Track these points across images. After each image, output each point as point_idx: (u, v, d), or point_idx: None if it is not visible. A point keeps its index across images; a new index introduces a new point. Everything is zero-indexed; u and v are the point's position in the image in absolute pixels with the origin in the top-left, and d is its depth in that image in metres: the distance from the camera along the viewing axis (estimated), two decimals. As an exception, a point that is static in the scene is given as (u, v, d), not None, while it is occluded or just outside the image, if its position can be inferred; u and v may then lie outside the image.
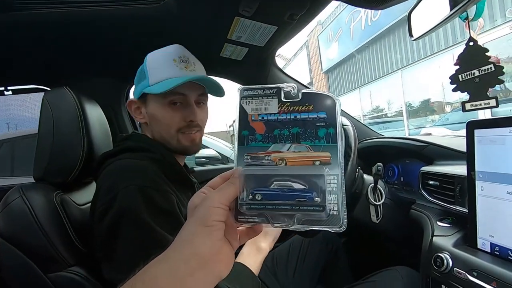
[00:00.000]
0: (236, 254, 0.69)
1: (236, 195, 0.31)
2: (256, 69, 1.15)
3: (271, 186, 0.31)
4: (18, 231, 0.57)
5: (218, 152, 2.65)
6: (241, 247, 0.72)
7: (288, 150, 0.32)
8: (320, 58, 9.36)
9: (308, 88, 1.05)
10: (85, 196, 0.76)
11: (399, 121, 6.83)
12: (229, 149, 2.93)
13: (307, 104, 0.32)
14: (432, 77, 5.67)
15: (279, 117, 0.33)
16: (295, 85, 0.33)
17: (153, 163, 0.63)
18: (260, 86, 0.34)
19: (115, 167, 0.61)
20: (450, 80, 0.55)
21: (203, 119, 0.75)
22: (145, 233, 0.51)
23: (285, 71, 1.26)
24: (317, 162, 0.31)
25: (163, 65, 0.69)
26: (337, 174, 0.30)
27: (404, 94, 6.56)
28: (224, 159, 2.61)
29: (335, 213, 0.30)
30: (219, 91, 0.75)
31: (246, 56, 1.03)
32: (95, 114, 0.78)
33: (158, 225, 0.53)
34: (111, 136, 0.87)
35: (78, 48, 0.91)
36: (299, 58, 10.91)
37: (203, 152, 2.52)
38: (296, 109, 0.33)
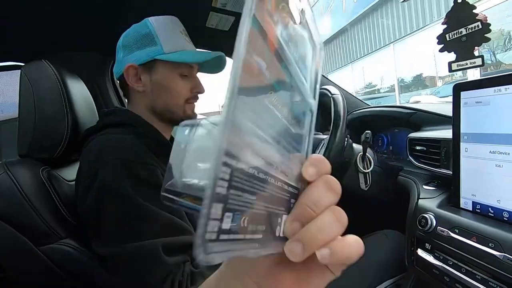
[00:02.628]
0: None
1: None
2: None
3: None
4: (5, 206, 0.56)
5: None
6: None
7: None
8: (312, 33, 9.14)
9: (399, 109, 0.91)
10: (74, 172, 0.75)
11: (391, 96, 6.84)
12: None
13: None
14: (424, 51, 5.63)
15: None
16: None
17: (137, 137, 0.62)
18: None
19: (96, 143, 0.60)
20: (437, 40, 0.54)
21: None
22: (130, 208, 0.51)
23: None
24: None
25: (175, 35, 0.68)
26: None
27: (396, 69, 6.53)
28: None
29: None
30: (213, 71, 0.79)
31: (233, 25, 1.00)
32: (78, 88, 0.76)
33: (143, 199, 0.52)
34: (97, 112, 0.85)
35: (56, 20, 0.87)
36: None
37: (195, 131, 2.51)
38: None
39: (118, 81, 0.76)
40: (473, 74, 3.79)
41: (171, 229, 0.54)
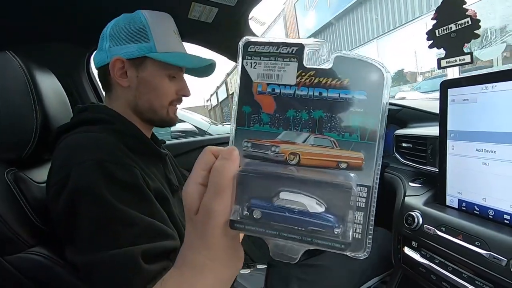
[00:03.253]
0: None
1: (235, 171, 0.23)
2: (228, 34, 1.08)
3: (276, 200, 0.22)
4: None
5: (195, 126, 2.58)
6: None
7: (304, 142, 0.23)
8: (298, 27, 9.13)
9: (397, 105, 0.88)
10: (45, 173, 0.70)
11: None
12: (206, 123, 2.87)
13: (340, 76, 0.22)
14: (405, 47, 5.74)
15: (297, 92, 0.23)
16: (326, 44, 0.23)
17: (114, 135, 0.58)
18: (273, 39, 0.23)
19: (69, 142, 0.56)
20: (427, 36, 0.53)
21: None
22: (106, 211, 0.47)
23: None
24: (343, 165, 0.22)
25: (168, 34, 0.66)
26: (368, 186, 0.22)
27: (379, 64, 6.64)
28: (201, 133, 2.56)
29: (357, 236, 0.22)
30: (200, 75, 0.77)
31: (216, 18, 0.95)
32: (48, 82, 0.70)
33: (120, 201, 0.49)
34: (72, 109, 0.79)
35: (22, 9, 0.80)
36: (276, 28, 10.58)
37: (179, 126, 2.45)
38: (323, 82, 0.23)
39: (97, 70, 0.70)
40: (452, 71, 3.90)
41: (151, 233, 0.51)
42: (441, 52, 0.54)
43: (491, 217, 0.52)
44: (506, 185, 0.50)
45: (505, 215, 0.50)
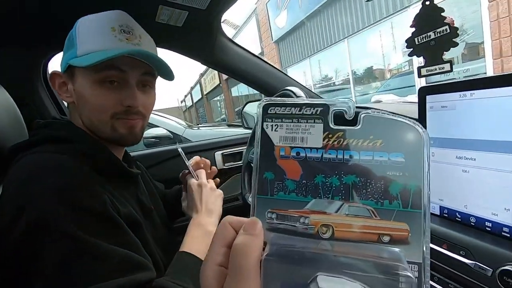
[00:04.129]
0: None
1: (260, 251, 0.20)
2: (200, 38, 1.03)
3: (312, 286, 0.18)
4: None
5: (169, 131, 2.48)
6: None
7: (337, 211, 0.21)
8: (270, 27, 9.17)
9: (371, 107, 0.84)
10: None
11: (346, 89, 7.15)
12: (181, 126, 2.77)
13: (372, 136, 0.20)
14: (374, 45, 5.94)
15: (324, 155, 0.21)
16: (352, 101, 0.21)
17: (80, 157, 0.52)
18: (295, 100, 0.22)
19: (26, 164, 0.49)
20: (406, 44, 0.51)
21: (147, 106, 0.63)
22: (72, 247, 0.42)
23: (235, 40, 1.15)
24: (386, 238, 0.20)
25: (97, 33, 0.56)
26: (419, 263, 0.19)
27: (350, 63, 6.82)
28: (176, 138, 2.46)
29: None
30: (167, 73, 0.64)
31: (187, 21, 0.90)
32: None
33: (89, 233, 0.43)
34: (26, 123, 0.71)
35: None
36: (249, 27, 10.56)
37: (151, 132, 2.33)
38: (354, 143, 0.21)
39: None
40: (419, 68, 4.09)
41: (126, 267, 0.45)
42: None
43: (473, 224, 0.52)
44: (486, 192, 0.50)
45: (486, 222, 0.50)
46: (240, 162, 1.36)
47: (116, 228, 0.48)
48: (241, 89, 12.35)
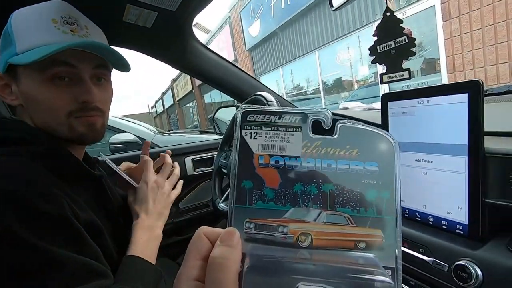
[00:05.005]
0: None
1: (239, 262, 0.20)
2: (170, 40, 1.01)
3: None
4: None
5: (138, 137, 2.38)
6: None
7: (316, 220, 0.21)
8: (244, 35, 9.28)
9: (345, 116, 0.85)
10: None
11: (317, 97, 7.40)
12: (151, 132, 2.68)
13: (348, 145, 0.21)
14: (342, 57, 6.24)
15: (303, 163, 0.21)
16: (329, 112, 0.22)
17: (33, 159, 0.48)
18: (275, 108, 0.22)
19: None
20: (369, 52, 0.54)
21: (105, 100, 0.59)
22: (26, 255, 0.39)
23: (208, 46, 1.14)
24: (362, 245, 0.20)
25: (37, 26, 0.51)
26: (392, 268, 0.20)
27: (320, 73, 7.08)
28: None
29: None
30: (121, 64, 0.60)
31: (156, 22, 0.88)
32: None
33: (44, 240, 0.40)
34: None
35: None
36: (222, 34, 10.60)
37: (118, 137, 2.23)
38: (331, 152, 0.21)
39: None
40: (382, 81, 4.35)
41: (83, 275, 0.43)
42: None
43: (431, 223, 0.55)
44: (442, 192, 0.53)
45: (442, 221, 0.54)
46: (211, 168, 1.34)
47: (73, 235, 0.45)
48: (214, 96, 12.29)
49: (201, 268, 0.20)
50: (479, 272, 0.43)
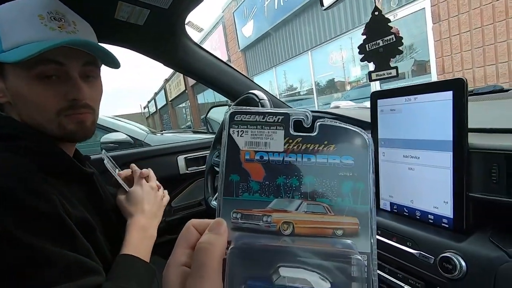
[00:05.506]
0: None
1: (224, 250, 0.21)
2: (162, 38, 1.01)
3: (276, 279, 0.20)
4: None
5: (130, 136, 2.36)
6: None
7: (297, 209, 0.23)
8: (237, 35, 9.28)
9: (325, 115, 0.91)
10: None
11: (310, 98, 7.45)
12: (143, 132, 2.66)
13: (326, 141, 0.23)
14: (335, 58, 6.30)
15: (285, 158, 0.23)
16: (309, 111, 0.24)
17: (23, 155, 0.48)
18: (259, 109, 0.24)
19: None
20: (358, 50, 0.55)
21: (94, 97, 0.58)
22: (17, 253, 0.39)
23: (201, 45, 1.15)
24: (339, 232, 0.22)
25: (23, 23, 0.50)
26: (367, 253, 0.21)
27: (313, 74, 7.13)
28: (138, 143, 2.35)
29: None
30: (111, 60, 0.60)
31: (148, 20, 0.88)
32: None
33: (34, 237, 0.40)
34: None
35: None
36: (216, 34, 10.58)
37: (110, 137, 2.21)
38: (311, 148, 0.23)
39: None
40: (374, 83, 4.41)
41: (73, 271, 0.43)
42: (364, 64, 0.58)
43: (418, 217, 0.57)
44: (428, 187, 0.55)
45: (429, 215, 0.55)
46: (203, 166, 1.34)
47: (64, 231, 0.45)
48: (207, 96, 12.24)
49: (188, 255, 0.21)
50: (463, 263, 0.45)
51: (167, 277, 0.21)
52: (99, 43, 0.57)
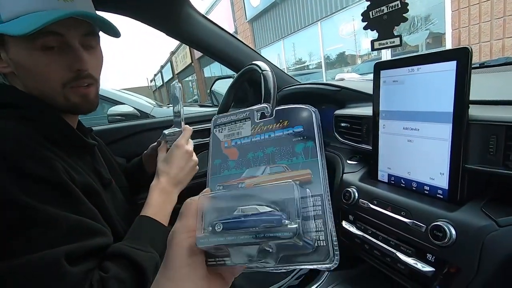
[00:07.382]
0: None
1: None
2: (165, 7, 0.98)
3: (235, 213, 0.25)
4: None
5: (136, 109, 2.38)
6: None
7: (263, 173, 0.29)
8: (244, 5, 8.91)
9: (326, 87, 0.97)
10: None
11: (318, 72, 7.26)
12: (150, 105, 2.67)
13: (281, 120, 0.30)
14: (346, 30, 6.03)
15: (252, 139, 0.31)
16: (268, 105, 0.31)
17: (27, 123, 0.49)
18: (233, 112, 0.33)
19: None
20: (362, 18, 0.54)
21: (96, 67, 0.58)
22: (19, 214, 0.41)
23: (205, 15, 1.11)
24: (296, 182, 0.25)
25: None
26: (320, 194, 0.25)
27: (323, 47, 6.88)
28: (144, 116, 2.37)
29: (322, 244, 0.23)
30: (111, 30, 0.59)
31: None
32: None
33: (39, 200, 0.42)
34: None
35: None
36: (222, 5, 10.18)
37: (116, 109, 2.23)
38: (270, 127, 0.30)
39: None
40: (386, 54, 4.24)
41: (78, 233, 0.45)
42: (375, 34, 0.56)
43: (414, 188, 0.58)
44: (426, 159, 0.55)
45: (425, 186, 0.56)
46: (207, 138, 1.36)
47: (67, 195, 0.46)
48: (214, 69, 12.04)
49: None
50: (453, 231, 0.46)
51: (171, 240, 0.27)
52: (98, 11, 0.56)
